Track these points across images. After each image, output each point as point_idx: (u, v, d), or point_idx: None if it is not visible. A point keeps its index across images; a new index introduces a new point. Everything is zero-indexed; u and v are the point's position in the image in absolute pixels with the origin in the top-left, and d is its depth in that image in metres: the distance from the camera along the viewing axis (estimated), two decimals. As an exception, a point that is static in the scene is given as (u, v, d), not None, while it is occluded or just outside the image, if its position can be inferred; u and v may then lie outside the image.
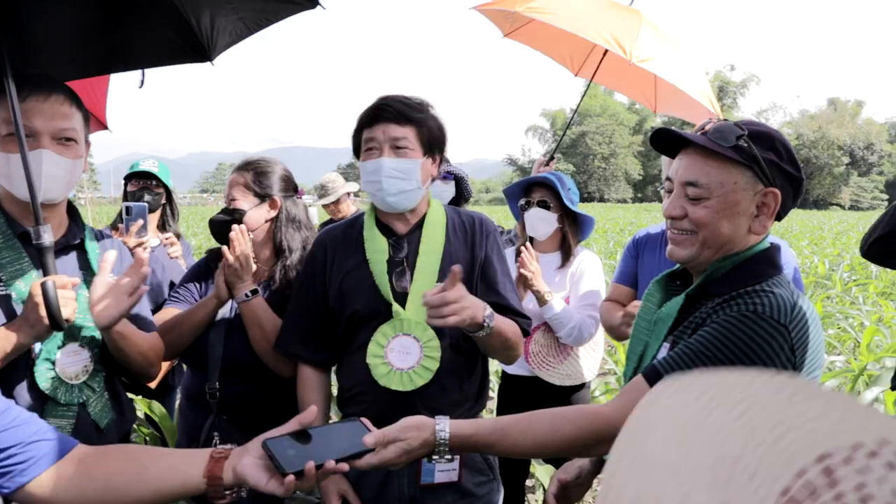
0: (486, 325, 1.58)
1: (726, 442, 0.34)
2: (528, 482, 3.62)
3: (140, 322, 1.76)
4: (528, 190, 2.74)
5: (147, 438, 3.21)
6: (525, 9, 3.01)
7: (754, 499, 0.31)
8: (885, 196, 79.12)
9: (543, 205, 2.67)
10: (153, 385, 2.99)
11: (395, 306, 1.74)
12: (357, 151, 1.83)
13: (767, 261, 1.29)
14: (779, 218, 1.30)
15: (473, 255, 1.83)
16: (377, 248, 1.79)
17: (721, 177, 1.23)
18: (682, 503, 0.34)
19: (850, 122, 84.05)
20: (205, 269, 2.18)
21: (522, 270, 2.53)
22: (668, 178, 1.34)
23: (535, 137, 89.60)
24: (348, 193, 4.61)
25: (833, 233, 24.23)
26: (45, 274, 1.44)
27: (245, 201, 2.07)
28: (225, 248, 1.92)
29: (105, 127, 2.84)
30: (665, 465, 0.37)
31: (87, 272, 1.63)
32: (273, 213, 2.11)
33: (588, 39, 2.97)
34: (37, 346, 1.50)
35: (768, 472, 0.32)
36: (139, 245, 2.65)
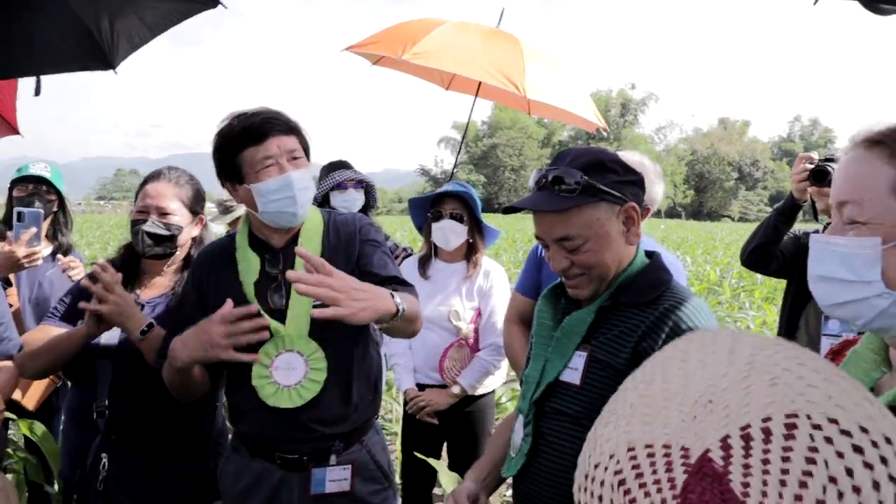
0: (399, 310, 1.52)
1: (717, 384, 0.45)
2: (437, 490, 3.64)
3: (6, 344, 1.71)
4: (437, 201, 2.77)
5: (25, 464, 2.97)
6: (411, 55, 3.07)
7: (718, 424, 0.42)
8: (769, 209, 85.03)
9: (456, 217, 2.71)
10: (32, 406, 2.78)
11: (274, 324, 1.68)
12: (229, 174, 1.71)
13: (660, 266, 1.43)
14: None
15: (349, 256, 1.77)
16: (249, 267, 1.74)
17: (583, 221, 1.32)
18: (665, 415, 0.46)
19: (738, 140, 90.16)
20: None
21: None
22: (538, 237, 1.41)
23: (448, 148, 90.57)
24: None
25: (724, 242, 25.86)
26: None
27: (181, 216, 2.00)
28: (96, 303, 1.76)
29: (16, 131, 2.64)
30: (664, 390, 0.49)
31: None
32: (197, 231, 2.09)
33: (481, 80, 3.06)
34: None
35: (738, 411, 0.42)
36: (30, 255, 2.45)
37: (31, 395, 2.75)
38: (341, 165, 3.19)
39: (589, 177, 1.30)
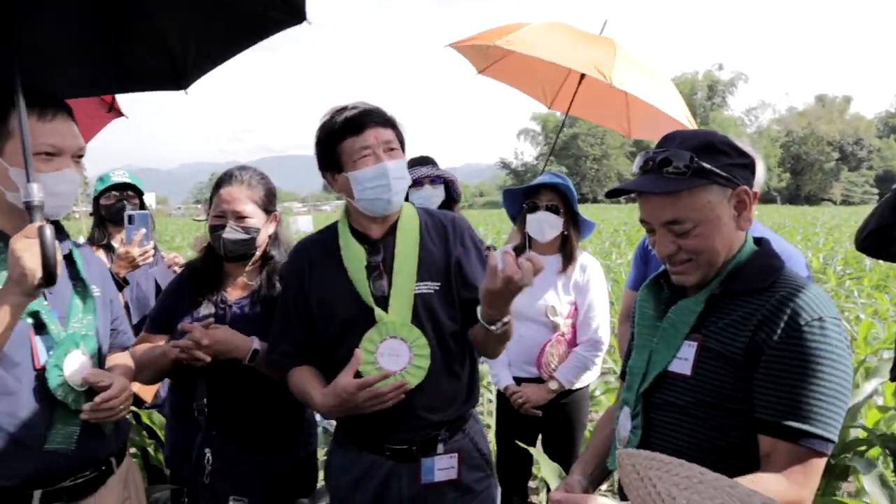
0: (506, 319, 1.63)
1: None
2: (531, 483, 3.63)
3: (121, 337, 1.83)
4: (533, 192, 2.75)
5: (146, 448, 3.20)
6: (504, 41, 3.09)
7: None
8: (876, 190, 79.44)
9: (552, 208, 2.68)
10: (149, 399, 2.98)
11: (378, 310, 1.75)
12: (329, 164, 1.80)
13: (770, 252, 1.37)
14: None
15: (448, 255, 1.84)
16: (354, 256, 1.80)
17: (693, 204, 1.28)
18: None
19: (839, 118, 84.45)
20: (186, 287, 2.14)
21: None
22: (642, 221, 1.38)
23: (527, 140, 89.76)
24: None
25: (826, 228, 24.32)
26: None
27: (257, 218, 2.05)
28: (199, 352, 1.86)
29: (121, 113, 2.79)
30: None
31: (77, 282, 1.65)
32: (272, 229, 2.13)
33: (569, 67, 3.06)
34: (43, 356, 1.51)
35: None
36: (143, 254, 2.64)
37: (149, 389, 2.95)
38: (424, 161, 3.16)
39: (700, 159, 1.26)
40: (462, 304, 1.83)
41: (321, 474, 2.90)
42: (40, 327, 1.53)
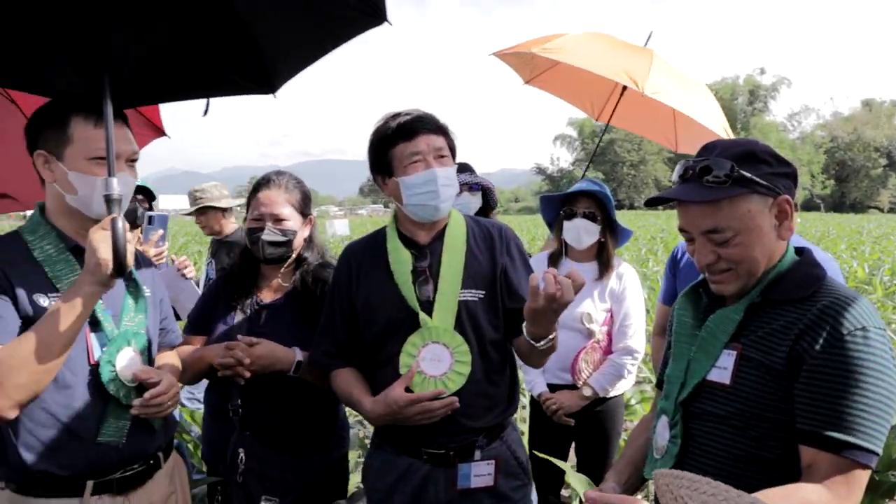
0: (552, 337, 1.64)
1: None
2: (564, 492, 3.60)
3: (169, 336, 1.90)
4: (570, 199, 2.74)
5: (183, 445, 3.27)
6: (540, 49, 3.15)
7: None
8: (927, 198, 76.91)
9: (590, 216, 2.67)
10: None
11: (422, 315, 1.77)
12: (380, 167, 1.83)
13: (812, 262, 1.35)
14: None
15: (494, 263, 1.85)
16: (401, 259, 1.83)
17: (733, 213, 1.27)
18: None
19: (887, 123, 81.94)
20: (223, 291, 2.19)
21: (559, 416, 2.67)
22: (682, 230, 1.37)
23: (564, 146, 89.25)
24: (225, 209, 3.95)
25: (872, 236, 23.59)
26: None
27: (294, 221, 2.10)
28: (239, 368, 1.91)
29: (162, 133, 2.86)
30: None
31: (130, 282, 1.70)
32: (307, 232, 2.18)
33: (600, 74, 3.08)
34: (97, 351, 1.57)
35: None
36: (158, 254, 2.71)
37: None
38: (462, 168, 3.15)
39: (740, 168, 1.25)
40: (507, 314, 1.84)
41: (352, 477, 2.93)
42: (95, 324, 1.58)
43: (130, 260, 1.45)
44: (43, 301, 1.51)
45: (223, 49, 1.93)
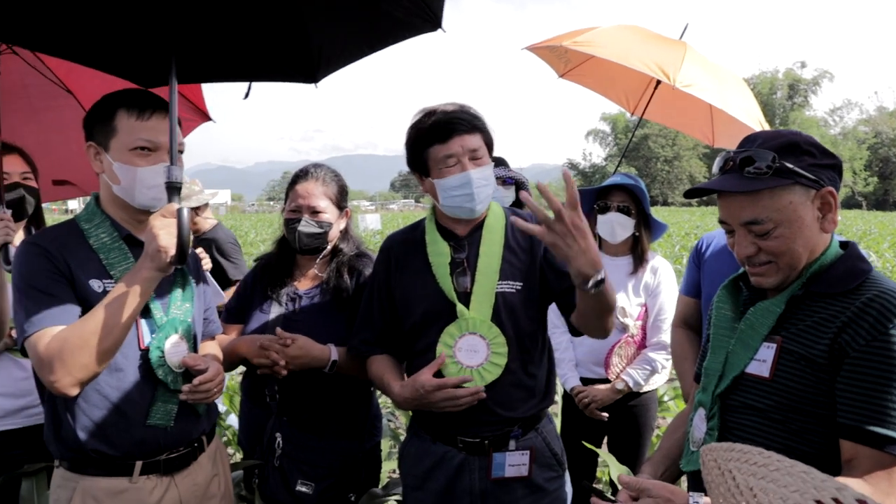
0: (599, 277, 1.49)
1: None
2: (596, 486, 3.59)
3: (211, 326, 1.95)
4: (604, 193, 2.73)
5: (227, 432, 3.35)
6: (571, 43, 3.13)
7: None
8: (975, 196, 74.25)
9: (624, 210, 2.66)
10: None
11: (460, 306, 1.79)
12: (417, 166, 1.85)
13: (858, 255, 1.33)
14: None
15: (533, 255, 1.86)
16: (439, 252, 1.84)
17: (775, 205, 1.26)
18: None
19: (934, 119, 79.32)
20: (259, 281, 2.24)
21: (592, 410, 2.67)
22: (722, 221, 1.36)
23: (596, 141, 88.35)
24: (200, 206, 3.62)
25: (917, 235, 22.87)
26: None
27: (330, 213, 2.14)
28: (277, 366, 1.96)
29: (208, 117, 2.92)
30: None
31: (178, 272, 1.75)
32: (343, 224, 2.22)
33: (630, 67, 3.05)
34: (147, 337, 1.63)
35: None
36: None
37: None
38: (496, 163, 3.19)
39: (782, 159, 1.24)
40: (561, 294, 1.82)
41: (385, 465, 2.97)
42: (145, 311, 1.63)
43: (189, 249, 1.50)
44: (97, 287, 1.57)
45: (270, 34, 1.96)
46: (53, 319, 1.49)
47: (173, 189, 1.54)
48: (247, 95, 2.17)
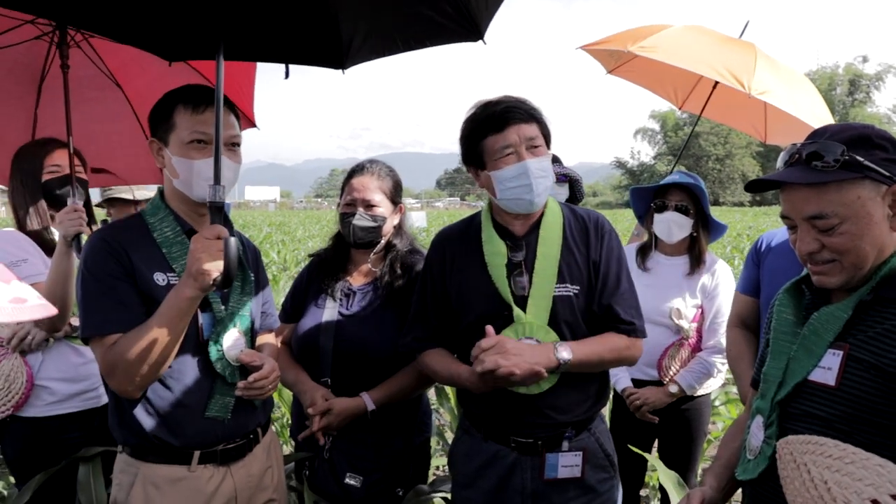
0: (561, 364, 1.67)
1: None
2: (643, 492, 3.52)
3: (269, 319, 1.97)
4: (661, 191, 2.68)
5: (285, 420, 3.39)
6: (638, 48, 3.05)
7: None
8: None
9: (682, 209, 2.61)
10: None
11: (517, 310, 1.75)
12: (472, 159, 1.81)
13: None
14: None
15: (589, 257, 1.81)
16: (496, 251, 1.80)
17: (842, 199, 1.20)
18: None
19: None
20: (314, 277, 2.27)
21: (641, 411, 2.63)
22: (784, 216, 1.31)
23: (645, 140, 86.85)
24: (138, 201, 3.44)
25: None
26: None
27: (385, 208, 2.15)
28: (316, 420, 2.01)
29: (253, 124, 2.97)
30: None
31: (238, 266, 1.77)
32: (397, 219, 2.22)
33: (706, 76, 2.98)
34: (206, 330, 1.67)
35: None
36: None
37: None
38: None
39: (852, 151, 1.18)
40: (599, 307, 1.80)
41: (433, 461, 2.97)
42: (205, 304, 1.66)
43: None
44: (161, 280, 1.61)
45: (303, 18, 1.98)
46: (113, 324, 1.54)
47: (215, 210, 1.55)
48: (286, 76, 2.20)
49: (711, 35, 3.27)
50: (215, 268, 1.47)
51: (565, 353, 1.66)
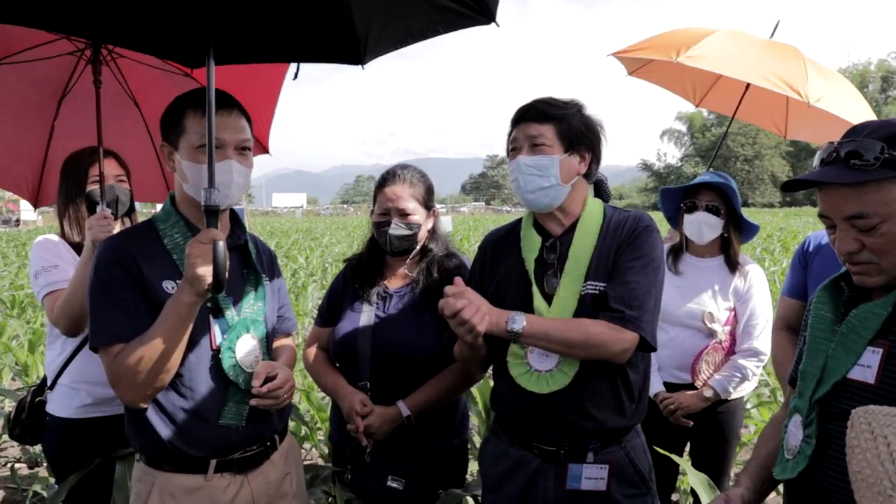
0: (510, 333, 1.62)
1: None
2: (674, 496, 3.47)
3: (286, 323, 1.96)
4: (692, 192, 2.64)
5: (304, 427, 3.41)
6: (685, 58, 2.99)
7: None
8: None
9: (713, 209, 2.57)
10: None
11: (538, 305, 1.73)
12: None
13: None
14: None
15: (619, 251, 1.76)
16: (531, 248, 1.81)
17: (882, 198, 1.17)
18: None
19: None
20: (350, 281, 2.27)
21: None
22: (822, 216, 1.28)
23: (671, 141, 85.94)
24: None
25: None
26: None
27: (419, 215, 2.15)
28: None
29: (266, 151, 3.03)
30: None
31: (250, 271, 1.78)
32: (431, 224, 2.23)
33: (763, 86, 2.91)
34: (218, 337, 1.65)
35: None
36: None
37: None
38: None
39: (892, 149, 1.16)
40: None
41: (472, 464, 2.96)
42: (217, 311, 1.66)
43: (227, 275, 1.50)
44: (170, 288, 1.59)
45: (313, 15, 1.97)
46: (118, 335, 1.53)
47: (211, 213, 1.53)
48: (295, 76, 2.20)
49: (754, 41, 3.21)
50: (209, 273, 1.46)
51: (517, 325, 1.60)
